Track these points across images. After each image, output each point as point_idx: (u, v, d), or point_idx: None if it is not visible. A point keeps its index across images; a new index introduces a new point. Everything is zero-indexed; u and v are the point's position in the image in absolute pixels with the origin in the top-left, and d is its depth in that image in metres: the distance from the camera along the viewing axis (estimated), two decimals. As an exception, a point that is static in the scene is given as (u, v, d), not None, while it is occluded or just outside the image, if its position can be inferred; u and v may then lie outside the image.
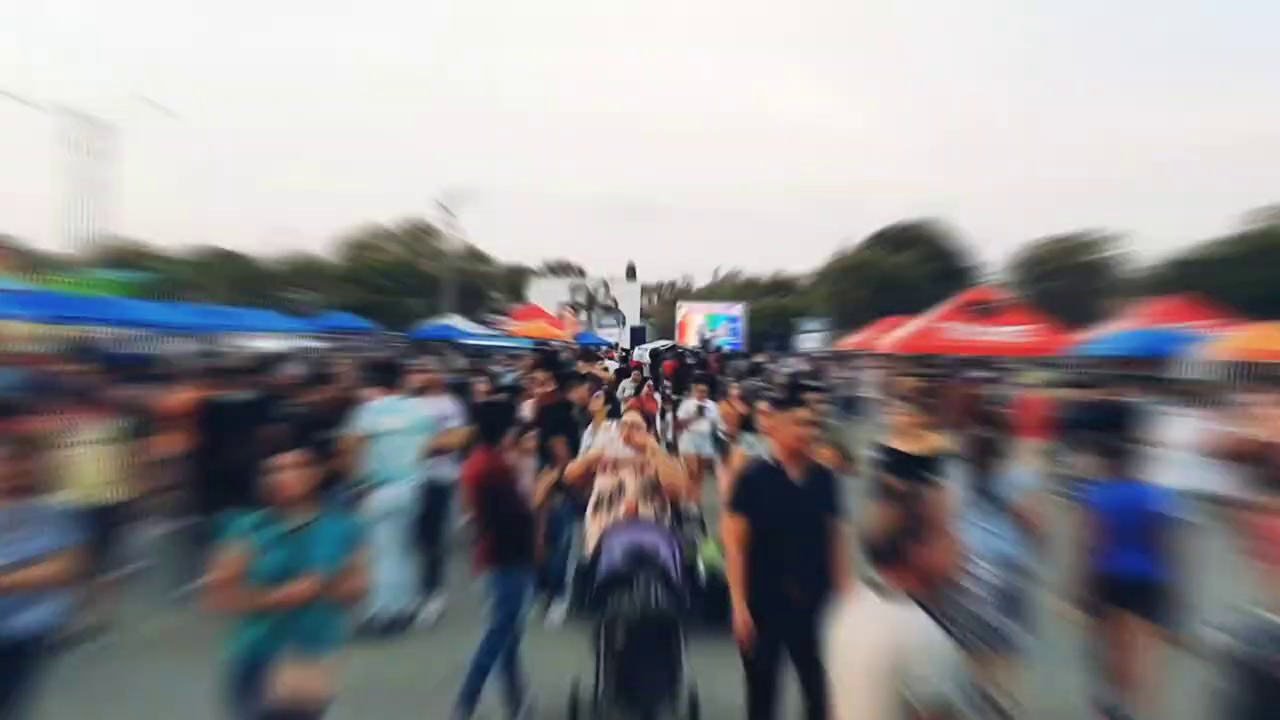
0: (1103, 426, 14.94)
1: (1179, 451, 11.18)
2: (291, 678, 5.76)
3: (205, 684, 9.68)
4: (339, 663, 6.05)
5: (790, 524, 7.35)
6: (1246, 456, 18.81)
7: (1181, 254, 71.36)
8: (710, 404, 16.54)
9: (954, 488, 8.88)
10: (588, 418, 13.07)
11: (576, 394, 13.98)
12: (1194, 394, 22.63)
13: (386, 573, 11.07)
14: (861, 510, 7.76)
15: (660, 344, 63.58)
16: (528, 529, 9.29)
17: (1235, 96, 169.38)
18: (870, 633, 4.85)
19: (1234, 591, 11.13)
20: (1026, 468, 10.33)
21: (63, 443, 9.91)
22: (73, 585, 8.38)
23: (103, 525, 10.02)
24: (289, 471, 5.92)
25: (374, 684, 9.26)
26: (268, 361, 15.44)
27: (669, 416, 18.63)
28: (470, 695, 8.82)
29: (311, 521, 6.00)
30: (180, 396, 15.58)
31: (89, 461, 10.08)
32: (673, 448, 16.30)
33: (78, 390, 10.39)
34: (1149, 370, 28.34)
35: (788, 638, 7.27)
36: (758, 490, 7.50)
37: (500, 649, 8.94)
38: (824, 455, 10.25)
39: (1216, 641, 7.86)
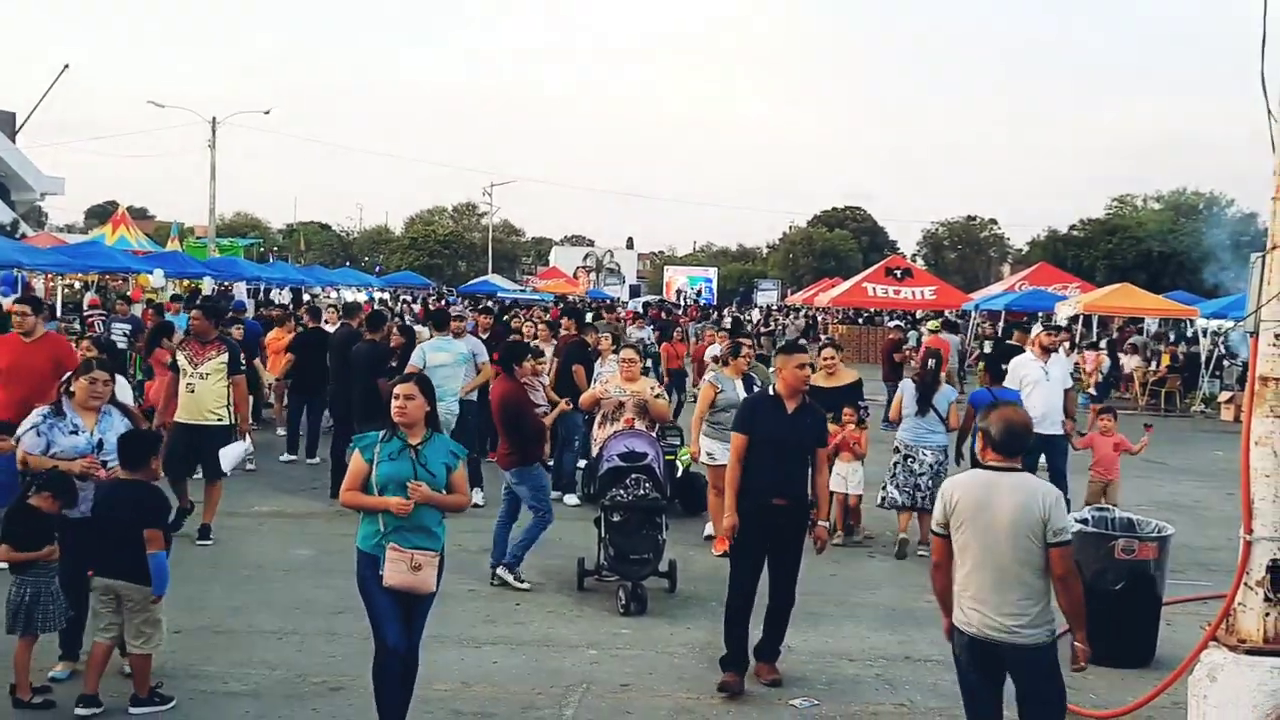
0: (982, 356, 15.08)
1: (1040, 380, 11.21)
2: (406, 569, 5.50)
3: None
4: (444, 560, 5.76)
5: (784, 444, 7.01)
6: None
7: (1052, 233, 71.13)
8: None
9: (905, 400, 10.61)
10: (599, 352, 13.46)
11: (591, 336, 14.35)
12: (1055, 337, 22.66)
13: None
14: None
15: (651, 298, 63.92)
16: (538, 436, 9.40)
17: (1114, 101, 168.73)
18: (1015, 499, 4.82)
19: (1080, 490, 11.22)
20: (949, 387, 11.26)
21: (184, 371, 9.78)
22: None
23: (210, 442, 9.72)
24: (406, 399, 5.70)
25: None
26: (350, 308, 15.36)
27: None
28: (516, 555, 8.91)
29: (425, 440, 5.75)
30: (281, 332, 15.68)
31: (204, 389, 9.82)
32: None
33: (197, 331, 10.14)
34: (1024, 320, 28.34)
35: (768, 538, 6.98)
36: (757, 414, 7.22)
37: (547, 523, 8.99)
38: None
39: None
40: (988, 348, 23.63)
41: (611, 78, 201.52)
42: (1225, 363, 26.51)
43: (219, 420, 9.76)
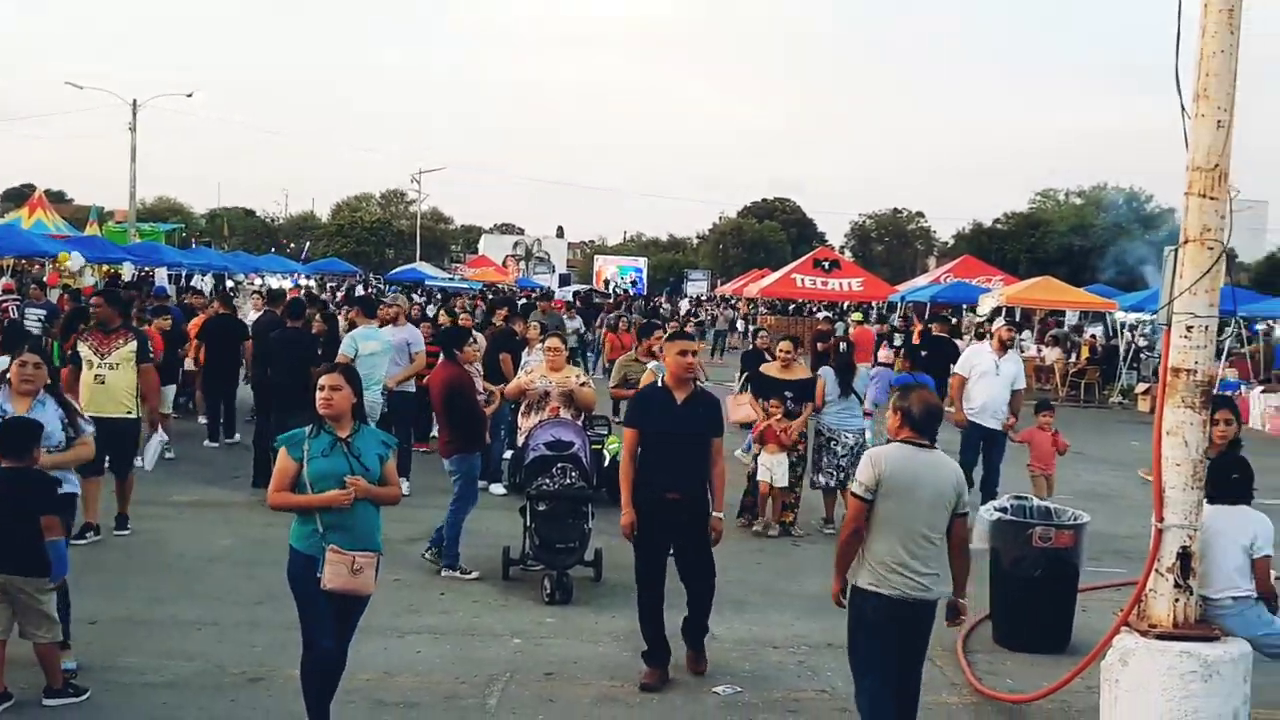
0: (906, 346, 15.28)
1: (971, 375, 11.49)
2: (347, 572, 5.33)
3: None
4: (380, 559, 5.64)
5: (673, 437, 6.77)
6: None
7: (977, 226, 72.15)
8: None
9: (827, 385, 10.80)
10: (526, 341, 13.51)
11: (519, 325, 14.40)
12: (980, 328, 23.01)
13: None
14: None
15: (580, 287, 63.70)
16: (479, 422, 9.39)
17: (1039, 97, 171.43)
18: (935, 474, 5.40)
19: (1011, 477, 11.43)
20: (863, 367, 11.81)
21: (90, 363, 9.41)
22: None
23: (120, 435, 9.28)
24: (332, 390, 5.49)
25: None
26: (274, 295, 15.18)
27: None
28: (452, 552, 8.88)
29: (354, 432, 5.57)
30: (199, 320, 15.43)
31: (115, 379, 9.49)
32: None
33: (100, 319, 9.75)
34: (948, 312, 28.73)
35: (666, 532, 6.79)
36: (646, 408, 7.08)
37: (468, 507, 8.98)
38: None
39: (989, 515, 8.08)
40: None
41: (543, 65, 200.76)
42: (1143, 355, 27.09)
43: (128, 413, 9.38)
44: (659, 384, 7.25)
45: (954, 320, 26.41)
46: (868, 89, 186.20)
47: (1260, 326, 29.30)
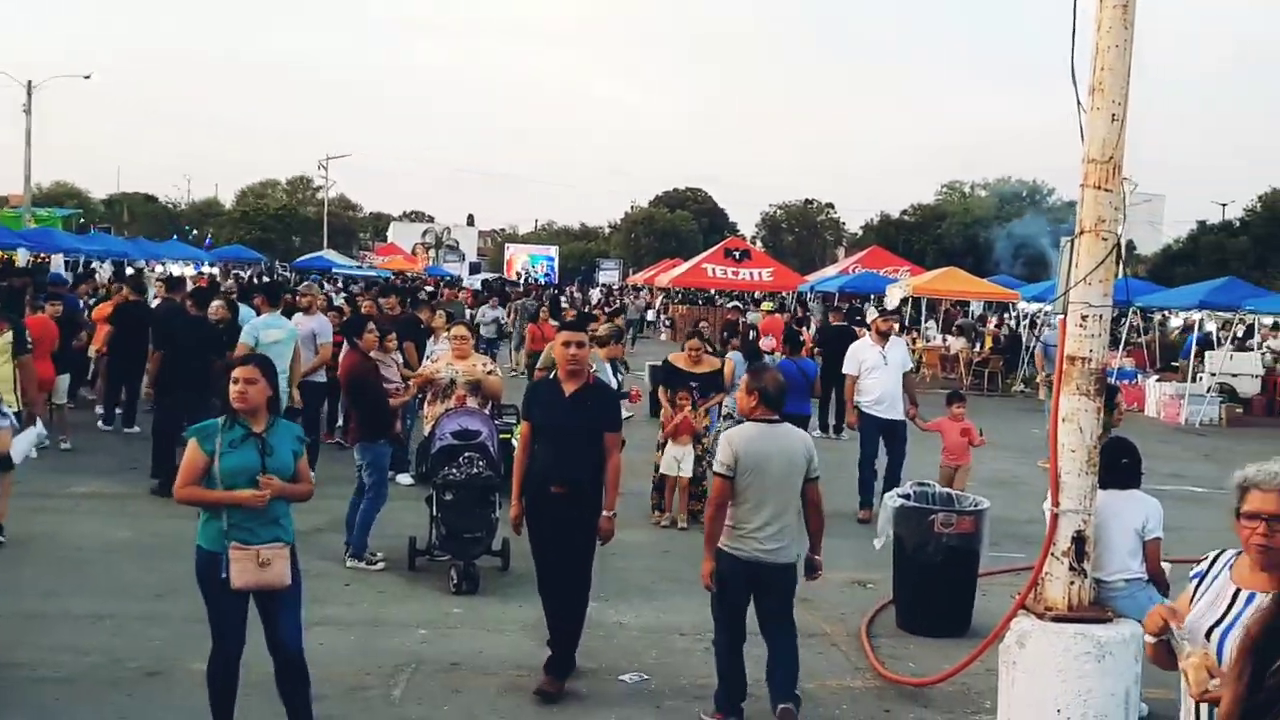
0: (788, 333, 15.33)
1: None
2: (254, 567, 5.17)
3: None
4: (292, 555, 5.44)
5: (559, 430, 6.55)
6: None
7: (885, 217, 73.17)
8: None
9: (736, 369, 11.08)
10: (431, 330, 13.51)
11: (424, 313, 14.33)
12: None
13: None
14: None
15: (490, 276, 63.40)
16: (388, 410, 9.31)
17: (946, 91, 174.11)
18: (785, 444, 6.00)
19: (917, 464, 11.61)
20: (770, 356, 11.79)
21: None
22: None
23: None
24: (247, 383, 5.27)
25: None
26: (173, 282, 14.81)
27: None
28: (360, 542, 8.78)
29: (269, 427, 5.37)
30: (106, 306, 15.07)
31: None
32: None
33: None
34: (856, 302, 29.11)
35: (550, 526, 6.57)
36: (536, 400, 6.86)
37: (381, 502, 8.89)
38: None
39: (892, 502, 8.20)
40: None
41: (455, 53, 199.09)
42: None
43: (8, 406, 8.85)
44: (551, 376, 6.99)
45: (863, 309, 26.80)
46: (780, 81, 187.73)
47: (1156, 317, 30.14)
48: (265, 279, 33.10)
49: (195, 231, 78.44)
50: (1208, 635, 3.31)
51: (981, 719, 6.37)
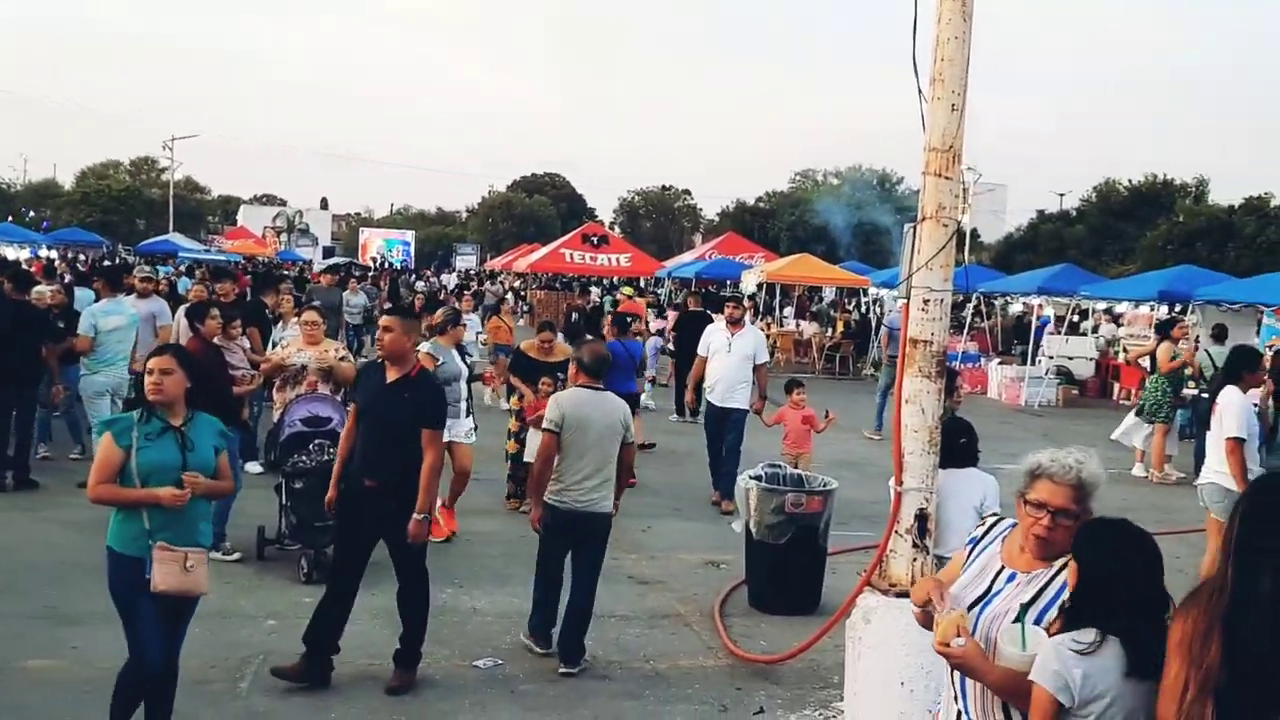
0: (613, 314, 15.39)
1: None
2: (179, 571, 4.92)
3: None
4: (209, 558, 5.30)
5: (375, 419, 6.35)
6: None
7: (740, 204, 74.09)
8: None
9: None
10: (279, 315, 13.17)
11: (269, 297, 14.04)
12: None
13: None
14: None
15: (340, 260, 61.96)
16: (233, 398, 9.07)
17: (801, 81, 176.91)
18: (604, 409, 6.83)
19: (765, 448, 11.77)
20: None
21: None
22: None
23: None
24: (162, 374, 4.99)
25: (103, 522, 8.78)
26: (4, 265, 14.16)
27: None
28: (216, 533, 8.47)
29: (188, 420, 5.11)
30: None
31: None
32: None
33: None
34: (713, 287, 29.42)
35: (363, 522, 6.36)
36: (361, 383, 6.70)
37: (233, 491, 8.58)
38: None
39: (744, 483, 8.32)
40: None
41: (310, 34, 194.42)
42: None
43: None
44: (379, 360, 6.67)
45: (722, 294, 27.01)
46: (637, 69, 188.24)
47: (999, 302, 31.19)
48: (107, 263, 31.85)
49: (32, 214, 75.02)
50: (970, 609, 3.39)
51: (830, 694, 6.51)
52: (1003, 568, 3.43)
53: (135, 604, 4.97)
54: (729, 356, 11.36)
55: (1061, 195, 66.63)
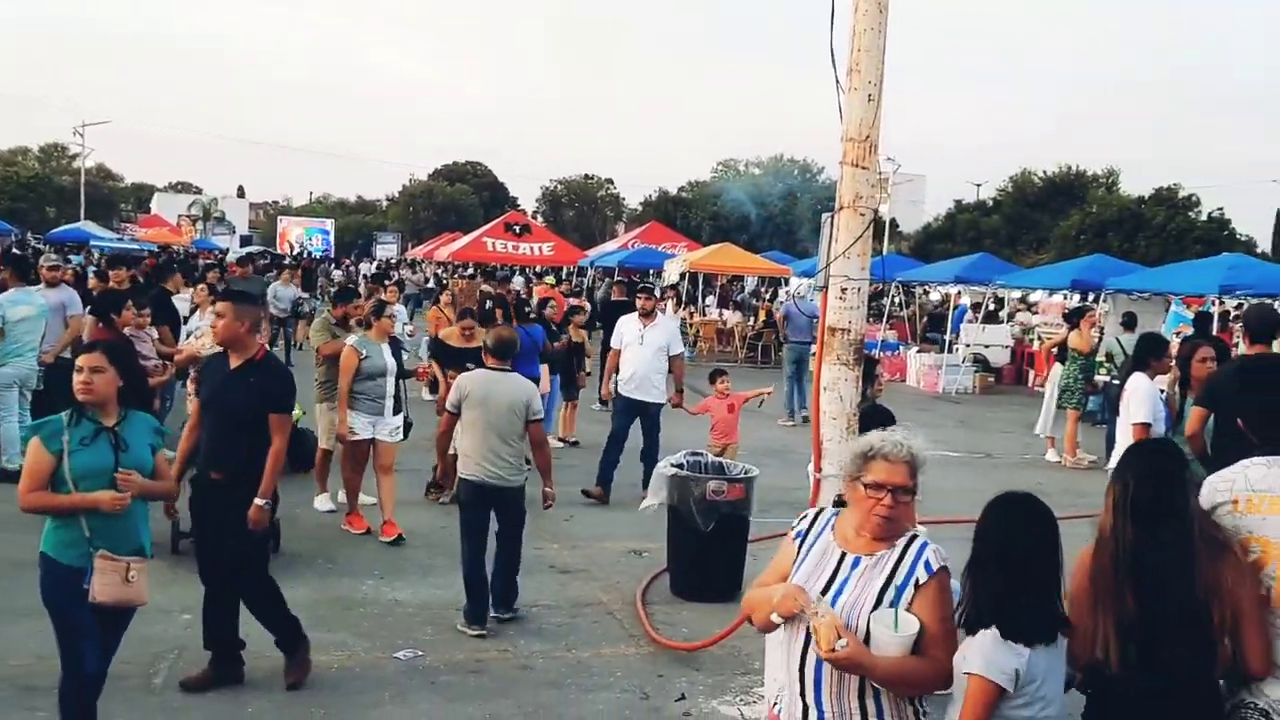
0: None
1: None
2: (120, 581, 4.76)
3: None
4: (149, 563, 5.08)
5: (218, 409, 6.12)
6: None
7: (663, 194, 74.21)
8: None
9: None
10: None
11: (172, 282, 14.16)
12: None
13: (17, 430, 10.27)
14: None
15: (255, 248, 60.66)
16: (145, 389, 8.79)
17: (724, 71, 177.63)
18: (508, 387, 7.25)
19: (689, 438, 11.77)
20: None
21: None
22: None
23: None
24: (93, 372, 4.79)
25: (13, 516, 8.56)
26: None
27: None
28: None
29: (122, 420, 4.90)
30: None
31: None
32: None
33: None
34: (636, 277, 29.44)
35: (209, 516, 6.16)
36: (204, 375, 6.47)
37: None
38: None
39: (665, 470, 8.35)
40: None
41: (225, 18, 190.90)
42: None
43: None
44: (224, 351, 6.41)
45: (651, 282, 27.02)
46: (560, 58, 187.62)
47: (917, 291, 31.60)
48: (15, 252, 31.03)
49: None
50: (823, 594, 3.34)
51: (751, 679, 6.56)
52: (844, 554, 3.41)
53: (73, 615, 4.81)
54: (642, 349, 11.16)
55: (978, 185, 67.72)
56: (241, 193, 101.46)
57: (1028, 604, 3.32)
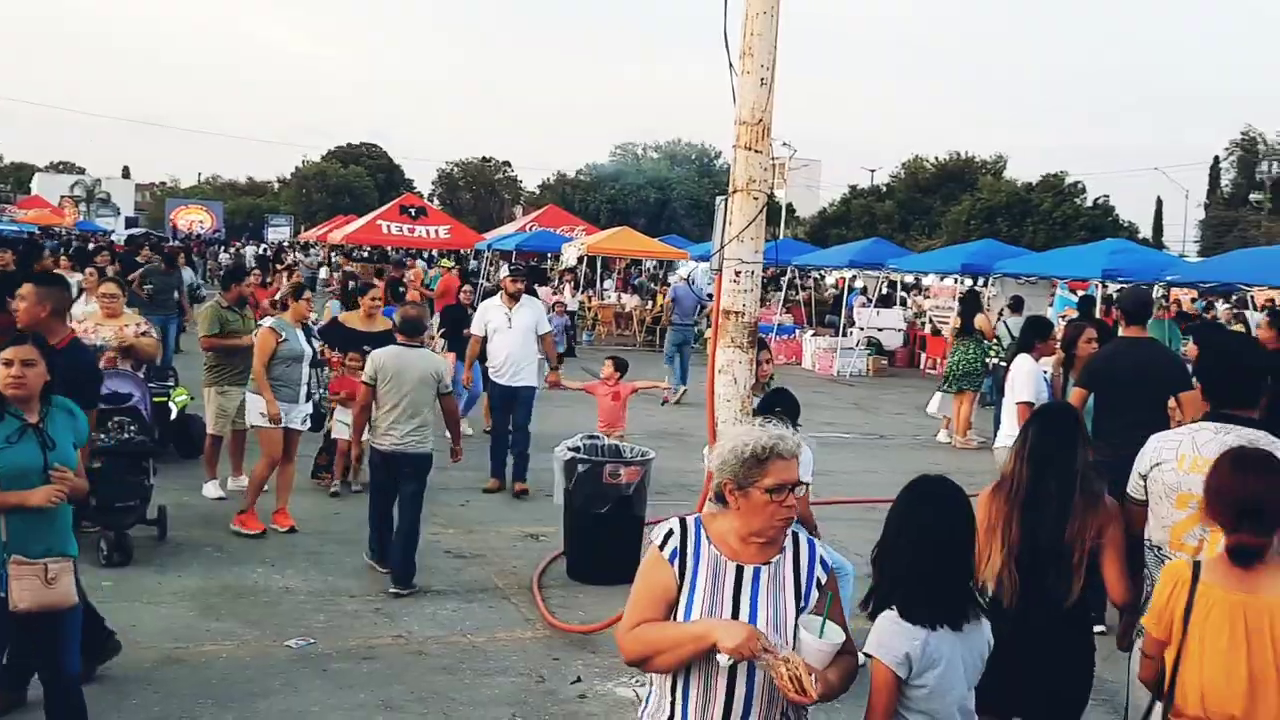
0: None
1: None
2: (40, 585, 4.42)
3: None
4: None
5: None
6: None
7: (561, 177, 74.10)
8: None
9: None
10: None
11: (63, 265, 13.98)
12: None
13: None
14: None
15: (136, 231, 58.90)
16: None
17: (623, 55, 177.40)
18: (420, 362, 7.82)
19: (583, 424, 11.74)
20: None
21: None
22: None
23: None
24: (24, 365, 4.46)
25: None
26: None
27: None
28: None
29: (45, 415, 4.57)
30: None
31: None
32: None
33: None
34: (533, 260, 29.36)
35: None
36: None
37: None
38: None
39: (561, 454, 8.35)
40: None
41: (112, 2, 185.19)
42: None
43: None
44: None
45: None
46: (455, 39, 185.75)
47: (813, 275, 32.00)
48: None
49: None
50: (734, 617, 3.04)
51: (646, 661, 6.58)
52: (740, 568, 3.11)
53: None
54: (511, 333, 10.80)
55: (873, 171, 68.79)
56: (127, 173, 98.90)
57: (930, 585, 3.33)
